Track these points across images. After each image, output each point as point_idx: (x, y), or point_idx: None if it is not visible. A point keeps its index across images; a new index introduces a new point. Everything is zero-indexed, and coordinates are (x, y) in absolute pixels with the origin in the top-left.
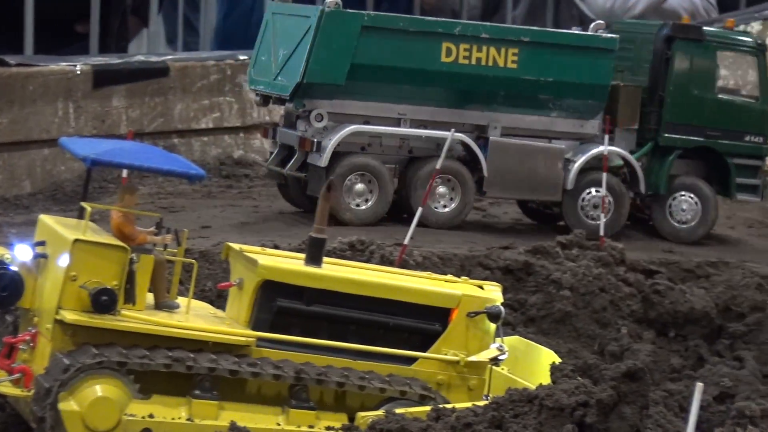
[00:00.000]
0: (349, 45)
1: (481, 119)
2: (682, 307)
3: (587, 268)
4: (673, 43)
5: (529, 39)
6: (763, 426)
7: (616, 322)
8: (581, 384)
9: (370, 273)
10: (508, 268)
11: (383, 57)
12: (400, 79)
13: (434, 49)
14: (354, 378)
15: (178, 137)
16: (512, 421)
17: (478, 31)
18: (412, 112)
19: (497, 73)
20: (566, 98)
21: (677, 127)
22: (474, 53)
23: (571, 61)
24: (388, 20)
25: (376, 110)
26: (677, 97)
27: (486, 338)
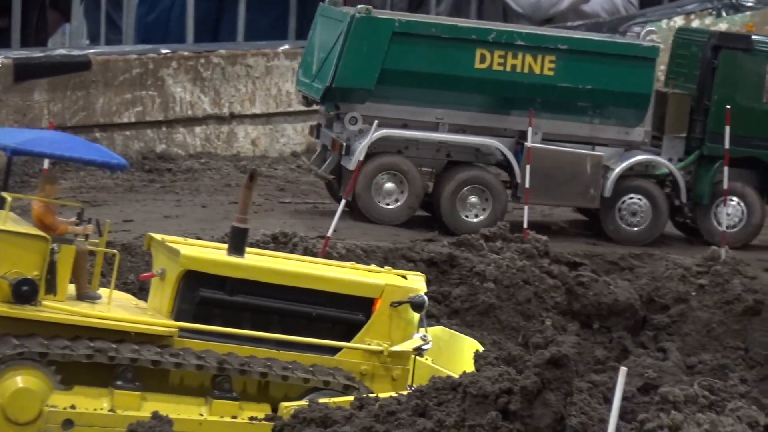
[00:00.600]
0: (379, 50)
1: (521, 125)
2: (606, 299)
3: (511, 260)
4: (719, 52)
5: (567, 47)
6: (687, 411)
7: (540, 314)
8: (505, 371)
9: (293, 263)
10: (432, 260)
11: (414, 63)
12: (432, 85)
13: (467, 55)
14: (277, 368)
15: (100, 131)
16: (436, 409)
17: (512, 38)
18: (450, 116)
19: (533, 80)
20: (606, 106)
21: (722, 137)
22: (509, 60)
23: (610, 70)
24: (420, 26)
25: (413, 114)
26: (723, 106)
27: (409, 328)
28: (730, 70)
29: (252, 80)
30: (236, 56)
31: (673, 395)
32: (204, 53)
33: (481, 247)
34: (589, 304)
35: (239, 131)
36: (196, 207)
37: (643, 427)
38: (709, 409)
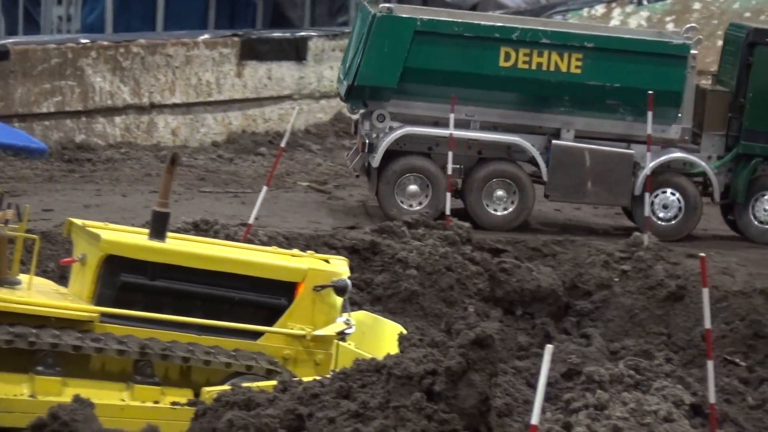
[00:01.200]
0: (401, 49)
1: (553, 122)
2: (529, 285)
3: (433, 247)
4: (754, 48)
5: (593, 45)
6: (612, 391)
7: (463, 301)
8: (429, 353)
9: (215, 248)
10: (354, 247)
11: (437, 61)
12: (456, 83)
13: (492, 53)
14: (199, 353)
15: (19, 121)
16: (360, 390)
17: (537, 36)
18: (480, 113)
19: (560, 78)
20: (637, 104)
21: (757, 135)
22: (534, 58)
23: (639, 68)
24: (443, 25)
25: (443, 111)
26: (757, 104)
27: (332, 312)
28: (765, 67)
29: (172, 70)
30: (156, 46)
31: (599, 375)
32: (123, 43)
33: (403, 234)
34: (511, 291)
35: (159, 121)
36: (117, 196)
37: (569, 406)
38: (635, 389)
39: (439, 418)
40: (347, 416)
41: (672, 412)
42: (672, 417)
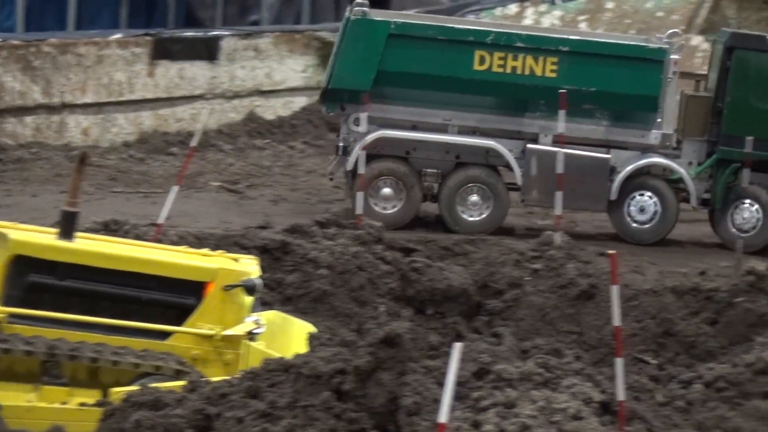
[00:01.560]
0: (375, 52)
1: (532, 127)
2: (440, 285)
3: (345, 246)
4: (732, 53)
5: (569, 49)
6: (522, 389)
7: (374, 301)
8: (339, 351)
9: (124, 247)
10: (265, 247)
11: (411, 64)
12: (431, 87)
13: (466, 56)
14: (107, 353)
15: None
16: (269, 390)
17: (511, 40)
18: (458, 118)
19: (535, 82)
20: (613, 109)
21: (735, 140)
22: (509, 62)
23: (615, 71)
24: (416, 28)
25: (420, 116)
26: (735, 108)
27: (242, 312)
28: (744, 72)
29: (83, 69)
30: (67, 45)
31: (508, 373)
32: (34, 42)
33: (314, 233)
34: (423, 290)
35: (70, 121)
36: (27, 197)
37: (478, 404)
38: (544, 386)
39: (347, 417)
40: (256, 416)
41: (581, 409)
42: (581, 415)
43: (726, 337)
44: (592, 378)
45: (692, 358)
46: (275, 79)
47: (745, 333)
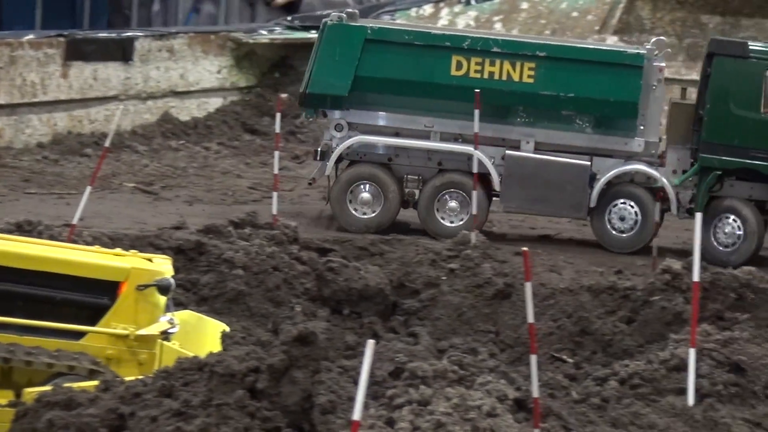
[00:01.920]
0: (352, 57)
1: (514, 134)
2: (356, 285)
3: (260, 246)
4: (712, 60)
5: (546, 54)
6: (436, 386)
7: (290, 301)
8: (252, 350)
9: (36, 247)
10: (180, 248)
11: (388, 70)
12: (408, 92)
13: (443, 62)
14: (20, 353)
15: None
16: (182, 389)
17: (488, 45)
18: (440, 124)
19: (512, 88)
20: (592, 115)
21: (715, 147)
22: (486, 67)
23: (593, 77)
24: (393, 33)
25: (402, 122)
26: (715, 115)
27: (156, 312)
28: (724, 79)
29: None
30: None
31: (422, 370)
32: None
33: (229, 234)
34: (339, 290)
35: None
36: None
37: (392, 402)
38: (459, 384)
39: (261, 416)
40: (169, 415)
41: (496, 406)
42: (496, 412)
43: (642, 335)
44: (506, 375)
45: (609, 356)
46: (190, 80)
47: (662, 331)
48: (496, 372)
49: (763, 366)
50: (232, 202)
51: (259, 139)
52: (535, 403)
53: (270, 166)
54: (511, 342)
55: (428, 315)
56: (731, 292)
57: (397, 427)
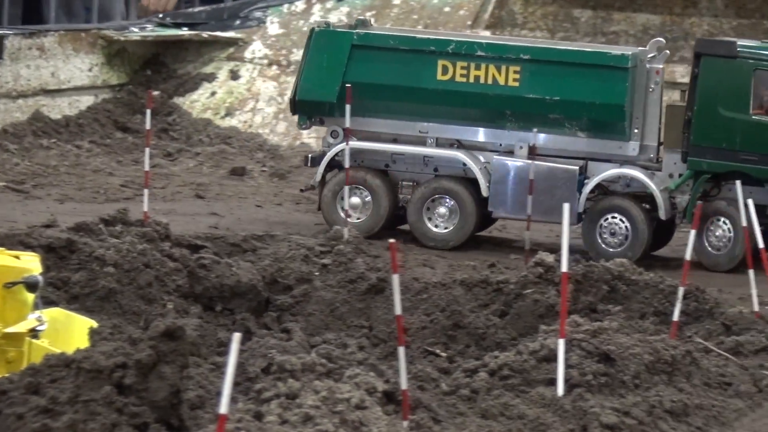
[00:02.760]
0: (339, 63)
1: (508, 138)
2: (229, 281)
3: (131, 244)
4: (700, 60)
5: (530, 57)
6: (305, 379)
7: (162, 298)
8: (120, 346)
9: None
10: (50, 246)
11: (375, 75)
12: (395, 97)
13: (429, 67)
14: None
15: None
16: (49, 386)
17: (473, 48)
18: (434, 130)
19: (498, 92)
20: (580, 118)
21: (704, 151)
22: (472, 71)
23: (579, 80)
24: (379, 38)
25: (398, 128)
26: (702, 117)
27: (24, 309)
28: (712, 80)
29: None
30: None
31: (290, 364)
32: None
33: (100, 231)
34: (211, 287)
35: None
36: None
37: (261, 396)
38: (327, 377)
39: (129, 412)
40: (36, 412)
41: (364, 399)
42: (364, 404)
43: (515, 328)
44: (376, 368)
45: (482, 350)
46: (61, 78)
47: (535, 324)
48: (365, 365)
49: (632, 355)
50: (104, 200)
51: (131, 136)
52: (404, 395)
53: (142, 163)
54: (384, 336)
55: (301, 311)
56: (604, 284)
57: (265, 420)
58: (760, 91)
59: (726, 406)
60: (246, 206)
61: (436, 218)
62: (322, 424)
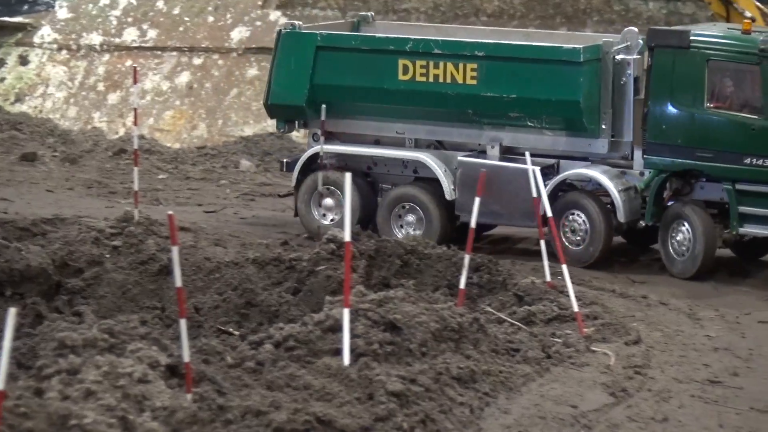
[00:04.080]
0: (306, 65)
1: (481, 138)
2: (18, 265)
3: None
4: (653, 52)
5: (484, 53)
6: (86, 355)
7: None
8: None
9: None
10: None
11: (341, 76)
12: (361, 98)
13: (391, 66)
14: None
15: None
16: None
17: (429, 47)
18: (410, 131)
19: (457, 90)
20: (539, 115)
21: (660, 148)
22: (431, 70)
23: (533, 76)
24: (342, 39)
25: (377, 130)
26: (658, 113)
27: None
28: (665, 72)
29: None
30: None
31: (71, 339)
32: None
33: None
34: (0, 272)
35: None
36: None
37: (42, 372)
38: (109, 352)
39: None
40: None
41: (147, 373)
42: (147, 378)
43: (308, 304)
44: (159, 342)
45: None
46: None
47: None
48: (148, 339)
49: (419, 324)
50: None
51: None
52: (187, 367)
53: None
54: (176, 317)
55: (93, 293)
56: (397, 258)
57: (46, 397)
58: (715, 83)
59: (514, 372)
60: (37, 191)
61: (405, 225)
62: (104, 398)
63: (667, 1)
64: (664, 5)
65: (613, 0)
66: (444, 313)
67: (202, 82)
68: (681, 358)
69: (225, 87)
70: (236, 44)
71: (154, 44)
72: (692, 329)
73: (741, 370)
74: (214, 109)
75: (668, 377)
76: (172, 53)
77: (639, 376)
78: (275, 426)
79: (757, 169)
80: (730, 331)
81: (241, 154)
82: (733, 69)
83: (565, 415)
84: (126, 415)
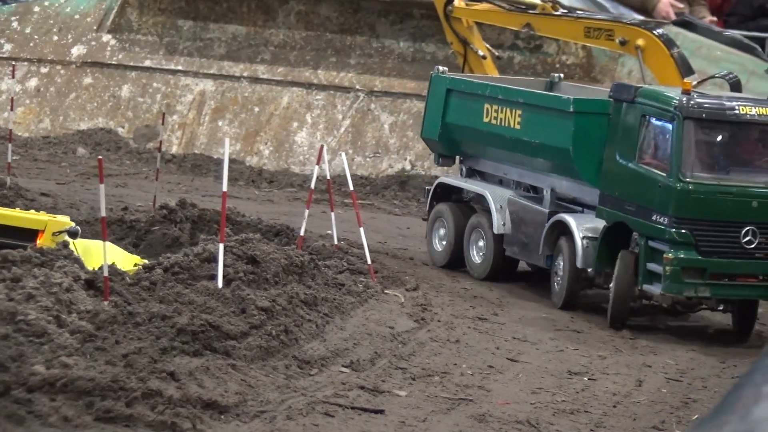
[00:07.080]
0: (441, 105)
1: (538, 182)
2: None
3: None
4: (612, 105)
5: (522, 101)
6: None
7: None
8: None
9: None
10: None
11: (457, 117)
12: (470, 138)
13: (481, 109)
14: None
15: None
16: None
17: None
18: (510, 172)
19: (510, 134)
20: (543, 160)
21: (606, 199)
22: (500, 114)
23: (548, 123)
24: (458, 83)
25: (495, 169)
26: (608, 165)
27: None
28: (616, 125)
29: None
30: None
31: (12, 255)
32: None
33: None
34: None
35: None
36: None
37: None
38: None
39: None
40: None
41: (72, 285)
42: (73, 288)
43: (149, 255)
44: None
45: None
46: None
47: (164, 251)
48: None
49: (272, 259)
50: None
51: None
52: (105, 281)
53: None
54: None
55: None
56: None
57: None
58: (645, 138)
59: (343, 300)
60: None
61: (478, 250)
62: (42, 301)
63: (414, 42)
64: (412, 44)
65: (372, 38)
66: (290, 253)
67: (48, 86)
68: (451, 301)
69: (65, 91)
70: (75, 58)
71: (9, 55)
72: (452, 283)
73: (498, 312)
74: (57, 107)
75: (448, 314)
76: (23, 63)
77: (427, 312)
78: (179, 327)
79: (660, 227)
80: (480, 285)
81: (78, 143)
82: (658, 126)
83: (386, 334)
84: (60, 314)
